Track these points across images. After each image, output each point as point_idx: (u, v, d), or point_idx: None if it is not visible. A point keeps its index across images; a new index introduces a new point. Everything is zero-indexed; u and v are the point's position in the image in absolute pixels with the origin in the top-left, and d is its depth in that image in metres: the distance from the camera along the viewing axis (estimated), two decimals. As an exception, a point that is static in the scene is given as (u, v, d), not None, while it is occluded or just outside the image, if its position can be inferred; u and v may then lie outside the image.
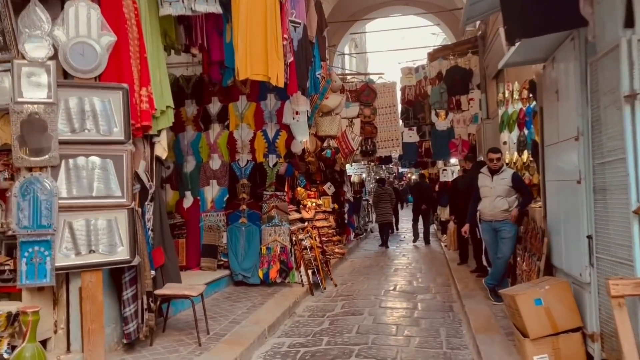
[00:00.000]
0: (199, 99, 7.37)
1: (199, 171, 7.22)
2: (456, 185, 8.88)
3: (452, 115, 10.71)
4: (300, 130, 6.99)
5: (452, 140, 10.66)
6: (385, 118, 10.74)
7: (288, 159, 6.98)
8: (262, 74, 4.73)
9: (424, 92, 10.92)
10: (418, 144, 11.09)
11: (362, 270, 9.29)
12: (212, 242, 6.98)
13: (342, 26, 18.37)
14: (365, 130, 10.62)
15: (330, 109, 8.03)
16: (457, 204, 8.71)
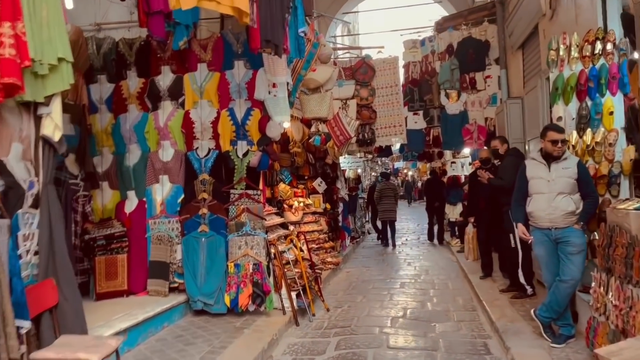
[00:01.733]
0: (144, 69, 5.72)
1: (145, 164, 5.57)
2: (475, 179, 7.28)
3: (465, 96, 9.13)
4: (278, 108, 5.36)
5: (465, 126, 9.09)
6: (385, 100, 9.13)
7: (262, 147, 5.35)
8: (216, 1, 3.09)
9: (431, 69, 9.31)
10: (425, 131, 9.48)
11: (360, 285, 7.67)
12: (162, 259, 5.34)
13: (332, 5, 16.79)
14: (362, 114, 9.01)
15: (319, 84, 6.40)
16: (477, 203, 7.13)
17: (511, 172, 5.71)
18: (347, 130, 7.72)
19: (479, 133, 9.08)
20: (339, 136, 7.72)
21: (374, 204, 11.77)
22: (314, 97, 6.51)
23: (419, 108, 9.37)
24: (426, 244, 12.68)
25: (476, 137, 9.11)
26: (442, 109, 9.23)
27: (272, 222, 6.22)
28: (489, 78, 9.01)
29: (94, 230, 5.34)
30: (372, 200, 11.61)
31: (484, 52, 8.97)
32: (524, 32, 7.17)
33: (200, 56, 5.59)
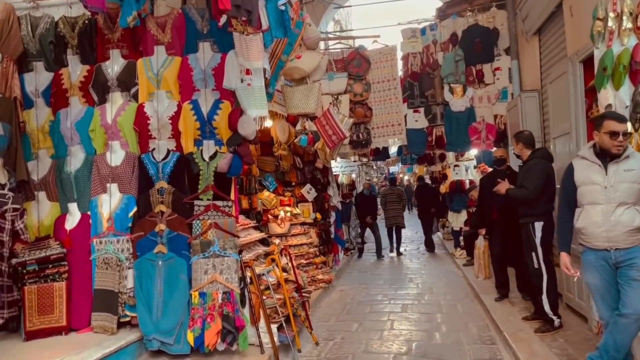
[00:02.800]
0: (89, 53, 4.75)
1: (89, 169, 4.59)
2: (486, 185, 6.37)
3: (471, 91, 8.22)
4: (253, 99, 4.42)
5: (472, 124, 8.18)
6: (382, 96, 8.20)
7: (233, 147, 4.39)
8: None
9: (433, 61, 8.40)
10: (427, 131, 8.55)
11: (356, 308, 6.71)
12: (109, 287, 4.35)
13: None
14: (355, 112, 8.07)
15: (305, 74, 5.46)
16: (489, 212, 6.21)
17: (537, 178, 4.80)
18: (340, 128, 6.78)
19: (488, 132, 8.17)
20: (331, 136, 6.78)
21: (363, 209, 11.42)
22: (299, 89, 5.57)
23: (420, 105, 8.45)
24: (427, 255, 11.76)
25: (484, 136, 8.20)
26: (446, 106, 8.32)
27: (249, 238, 5.25)
28: (499, 70, 8.11)
29: (24, 252, 4.35)
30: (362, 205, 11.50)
31: (493, 41, 8.07)
32: (542, 14, 6.27)
33: (157, 37, 4.63)
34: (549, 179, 4.82)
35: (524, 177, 4.98)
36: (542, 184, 4.77)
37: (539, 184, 4.77)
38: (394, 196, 11.84)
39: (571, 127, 4.76)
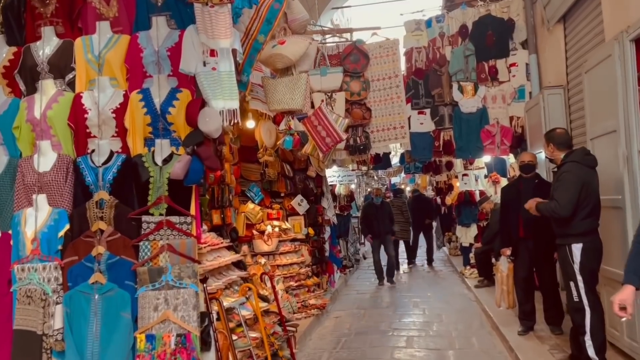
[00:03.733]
0: (16, 32, 3.85)
1: (12, 177, 3.67)
2: (510, 195, 5.45)
3: (484, 90, 7.33)
4: (219, 87, 3.52)
5: (485, 127, 7.27)
6: (383, 95, 7.30)
7: (192, 147, 3.47)
8: None
9: (440, 56, 7.52)
10: (433, 135, 7.63)
11: (353, 340, 5.75)
12: (31, 327, 3.40)
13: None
14: (353, 113, 7.16)
15: (290, 63, 4.55)
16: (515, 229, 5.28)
17: (570, 189, 3.88)
18: (335, 130, 5.87)
19: (503, 136, 7.26)
20: (324, 138, 5.85)
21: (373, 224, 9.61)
22: (282, 81, 4.66)
23: (426, 105, 7.55)
24: (432, 273, 10.81)
25: (499, 141, 7.29)
26: (455, 107, 7.42)
27: (219, 262, 4.32)
28: (514, 66, 7.23)
29: None
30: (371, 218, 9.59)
31: (507, 33, 7.20)
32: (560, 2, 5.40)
33: (100, 10, 3.74)
34: (588, 189, 3.90)
35: (556, 186, 4.06)
36: (577, 195, 3.85)
37: (573, 195, 3.85)
38: (397, 209, 11.17)
39: (618, 123, 3.84)
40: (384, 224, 9.33)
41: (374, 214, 9.37)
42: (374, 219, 9.34)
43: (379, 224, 9.31)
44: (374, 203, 9.61)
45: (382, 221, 9.30)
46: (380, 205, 9.53)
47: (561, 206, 3.80)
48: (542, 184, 5.26)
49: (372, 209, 9.53)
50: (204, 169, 3.48)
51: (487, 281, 8.18)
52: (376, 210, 9.41)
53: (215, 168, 3.55)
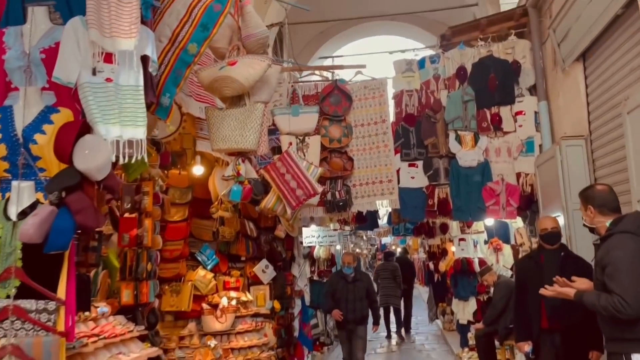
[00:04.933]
0: None
1: None
2: (526, 272, 4.26)
3: (485, 140, 6.32)
4: (114, 105, 2.42)
5: (487, 185, 6.20)
6: (367, 143, 6.25)
7: (57, 193, 2.28)
8: None
9: (434, 100, 6.55)
10: (426, 191, 6.52)
11: None
12: None
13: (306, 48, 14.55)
14: (332, 163, 6.08)
15: (242, 90, 3.48)
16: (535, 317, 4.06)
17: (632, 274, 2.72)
18: (308, 180, 4.77)
19: (509, 196, 6.17)
20: (294, 190, 4.73)
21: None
22: (231, 113, 3.57)
23: (418, 157, 6.49)
24: (423, 354, 9.39)
25: (504, 201, 6.19)
26: (452, 159, 6.37)
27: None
28: (521, 115, 6.26)
29: None
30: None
31: (512, 77, 6.29)
32: (592, 27, 4.49)
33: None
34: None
35: (610, 272, 2.85)
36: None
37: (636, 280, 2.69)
38: (388, 272, 11.17)
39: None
40: (354, 307, 6.43)
41: (342, 290, 6.47)
42: (342, 299, 6.47)
43: (347, 306, 6.42)
44: (343, 274, 6.65)
45: (352, 302, 6.43)
46: (352, 279, 6.57)
47: (627, 303, 2.62)
48: (571, 259, 4.13)
49: (341, 283, 6.58)
50: (75, 228, 2.27)
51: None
52: (345, 286, 6.51)
53: (90, 227, 2.33)
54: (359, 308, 6.47)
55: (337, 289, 6.51)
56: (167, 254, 5.57)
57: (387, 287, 10.93)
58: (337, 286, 6.57)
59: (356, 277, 6.63)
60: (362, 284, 6.61)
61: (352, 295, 6.43)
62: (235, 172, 3.68)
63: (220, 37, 3.65)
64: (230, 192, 3.72)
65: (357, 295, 6.45)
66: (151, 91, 2.72)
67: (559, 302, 3.91)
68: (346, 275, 6.63)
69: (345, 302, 6.45)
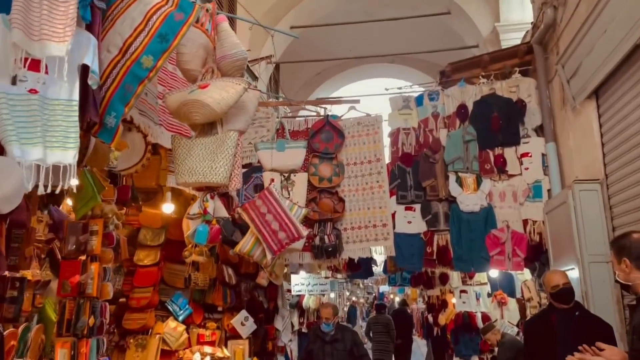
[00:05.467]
0: None
1: None
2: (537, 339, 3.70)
3: (489, 184, 5.86)
4: (37, 122, 1.96)
5: (491, 232, 5.69)
6: (360, 184, 5.79)
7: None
8: None
9: (433, 140, 6.14)
10: (425, 238, 6.00)
11: None
12: None
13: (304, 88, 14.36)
14: (321, 205, 5.59)
15: (213, 116, 3.05)
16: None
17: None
18: (292, 222, 4.28)
19: (515, 245, 5.65)
20: (276, 232, 4.22)
21: None
22: (200, 143, 3.13)
23: (415, 200, 6.01)
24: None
25: (510, 251, 5.67)
26: (452, 203, 5.89)
27: None
28: (527, 157, 5.83)
29: None
30: None
31: (517, 116, 5.90)
32: (607, 60, 4.12)
33: None
34: None
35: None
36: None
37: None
38: (380, 326, 10.64)
39: None
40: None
41: (319, 352, 5.15)
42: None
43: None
44: (321, 332, 5.30)
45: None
46: (331, 339, 5.20)
47: None
48: (587, 320, 3.59)
49: (318, 343, 5.26)
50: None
51: None
52: (322, 347, 5.17)
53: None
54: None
55: (314, 350, 5.20)
56: (134, 302, 5.01)
57: (381, 342, 10.45)
58: (314, 347, 5.25)
59: (336, 336, 5.18)
60: (343, 344, 5.16)
61: (330, 359, 5.12)
62: (202, 209, 3.19)
63: (193, 57, 3.27)
64: (195, 232, 3.22)
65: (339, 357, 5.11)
66: (93, 109, 2.27)
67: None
68: (324, 333, 5.23)
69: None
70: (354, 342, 5.23)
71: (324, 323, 5.26)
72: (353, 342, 5.21)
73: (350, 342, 5.17)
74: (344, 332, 5.33)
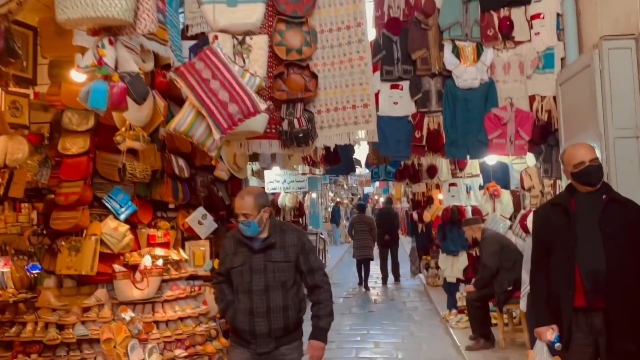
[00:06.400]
0: None
1: None
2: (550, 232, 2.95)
3: (491, 53, 4.90)
4: None
5: (492, 111, 4.82)
6: (336, 55, 4.76)
7: None
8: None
9: (426, 1, 5.02)
10: (413, 121, 5.11)
11: None
12: None
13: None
14: (289, 81, 4.61)
15: None
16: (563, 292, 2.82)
17: None
18: (245, 91, 3.34)
19: (519, 125, 4.82)
20: (225, 104, 3.27)
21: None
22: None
23: (403, 76, 5.04)
24: (404, 314, 8.33)
25: (512, 133, 4.85)
26: (447, 79, 4.94)
27: None
28: (538, 19, 4.81)
29: None
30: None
31: (529, -33, 4.79)
32: None
33: None
34: None
35: None
36: None
37: None
38: (363, 225, 11.18)
39: None
40: (265, 307, 2.99)
41: (243, 268, 3.01)
42: (242, 289, 3.03)
43: (252, 306, 3.01)
44: (244, 237, 3.03)
45: (260, 296, 3.00)
46: (265, 244, 3.02)
47: None
48: (618, 205, 2.84)
49: (241, 254, 3.04)
50: None
51: (483, 341, 5.72)
52: (249, 261, 3.01)
53: None
54: (275, 308, 2.97)
55: (234, 267, 3.03)
56: (62, 199, 4.19)
57: (363, 240, 10.96)
58: (234, 261, 3.04)
59: (271, 240, 3.01)
60: (282, 253, 3.01)
61: (260, 279, 2.96)
62: (96, 59, 2.22)
63: None
64: (88, 93, 2.27)
65: (272, 280, 2.97)
66: None
67: (603, 267, 2.70)
68: (250, 239, 3.01)
69: (247, 296, 2.99)
70: (302, 248, 3.04)
71: (242, 223, 2.94)
72: (300, 248, 3.03)
73: (294, 250, 3.02)
74: (285, 234, 3.06)
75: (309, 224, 16.19)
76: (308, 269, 3.07)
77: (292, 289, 3.04)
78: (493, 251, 5.73)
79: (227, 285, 3.12)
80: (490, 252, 5.76)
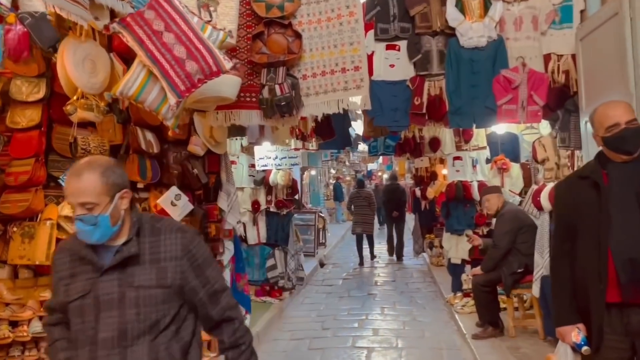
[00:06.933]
0: None
1: None
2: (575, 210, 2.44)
3: (501, 6, 4.32)
4: None
5: (501, 72, 4.27)
6: (323, 11, 4.21)
7: None
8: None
9: (425, -51, 4.41)
10: (412, 86, 4.54)
11: None
12: None
13: None
14: (270, 42, 4.07)
15: None
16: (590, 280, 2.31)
17: None
18: (206, 46, 2.81)
19: (533, 89, 4.27)
20: (182, 62, 2.75)
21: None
22: None
23: (400, 35, 4.47)
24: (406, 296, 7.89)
25: (524, 98, 4.29)
26: (450, 37, 4.37)
27: None
28: (554, -33, 4.21)
29: None
30: None
31: None
32: None
33: None
34: None
35: None
36: None
37: None
38: (362, 199, 11.16)
39: None
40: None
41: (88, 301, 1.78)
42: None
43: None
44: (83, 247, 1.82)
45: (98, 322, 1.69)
46: (120, 257, 1.78)
47: None
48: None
49: (83, 276, 1.79)
50: None
51: (491, 329, 5.27)
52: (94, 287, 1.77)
53: None
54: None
55: (70, 298, 1.81)
56: (12, 179, 3.69)
57: (363, 215, 10.98)
58: (70, 288, 1.82)
59: (130, 250, 1.79)
60: (155, 271, 1.81)
61: (111, 321, 1.76)
62: None
63: None
64: None
65: (135, 320, 1.75)
66: None
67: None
68: (92, 249, 1.81)
69: (90, 350, 1.76)
70: (191, 260, 1.85)
71: (80, 220, 1.75)
72: (188, 261, 1.84)
73: (176, 264, 1.83)
74: (160, 236, 1.85)
75: (308, 202, 15.76)
76: (208, 293, 1.84)
77: (168, 331, 1.79)
78: (508, 230, 5.20)
79: (64, 328, 1.89)
80: (504, 230, 5.23)
